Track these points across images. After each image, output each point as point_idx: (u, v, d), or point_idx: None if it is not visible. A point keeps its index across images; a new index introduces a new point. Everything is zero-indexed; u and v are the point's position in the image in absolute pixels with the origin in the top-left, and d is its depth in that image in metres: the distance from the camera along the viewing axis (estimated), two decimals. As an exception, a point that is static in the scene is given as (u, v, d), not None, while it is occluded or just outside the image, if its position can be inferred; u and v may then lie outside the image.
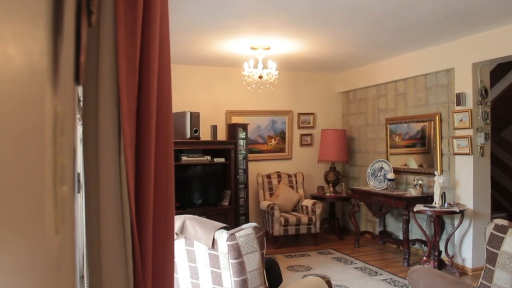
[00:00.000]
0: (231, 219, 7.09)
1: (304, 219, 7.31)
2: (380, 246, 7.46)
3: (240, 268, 2.37)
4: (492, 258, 2.63)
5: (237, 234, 2.35)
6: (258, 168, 8.04)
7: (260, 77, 6.20)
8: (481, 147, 5.83)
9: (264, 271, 2.50)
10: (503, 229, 2.57)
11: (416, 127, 6.85)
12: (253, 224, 2.46)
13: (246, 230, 2.38)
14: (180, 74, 7.58)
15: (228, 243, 2.35)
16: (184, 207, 6.88)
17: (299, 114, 8.48)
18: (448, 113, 6.26)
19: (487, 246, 2.65)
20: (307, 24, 5.26)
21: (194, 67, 7.68)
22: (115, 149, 1.03)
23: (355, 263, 6.41)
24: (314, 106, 8.64)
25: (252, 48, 6.26)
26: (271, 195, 7.85)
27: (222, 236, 2.38)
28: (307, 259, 6.61)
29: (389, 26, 5.37)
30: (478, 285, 2.74)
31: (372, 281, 5.60)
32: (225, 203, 7.31)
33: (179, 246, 2.62)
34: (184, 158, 6.93)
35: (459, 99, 5.94)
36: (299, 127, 8.51)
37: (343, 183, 8.24)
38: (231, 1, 4.41)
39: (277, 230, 7.19)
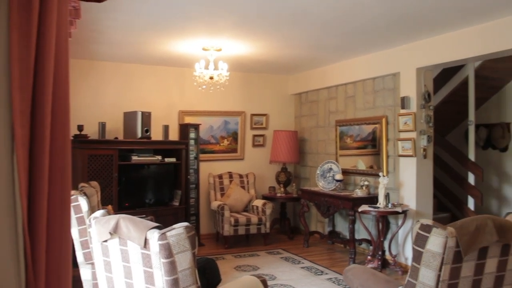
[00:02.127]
0: (182, 219, 7.08)
1: (254, 219, 7.37)
2: (328, 245, 7.59)
3: (171, 268, 2.39)
4: (417, 257, 2.73)
5: (168, 234, 2.37)
6: (210, 168, 8.05)
7: (211, 78, 6.22)
8: (424, 149, 6.02)
9: (196, 270, 2.52)
10: (427, 229, 2.68)
11: (368, 129, 7.01)
12: (185, 223, 2.48)
13: (177, 230, 2.40)
14: (133, 73, 7.53)
15: (159, 242, 2.36)
16: (134, 207, 6.83)
17: (252, 115, 8.54)
18: (394, 116, 6.44)
19: (414, 245, 2.75)
20: (258, 26, 5.32)
21: (147, 67, 7.64)
22: (7, 149, 1.04)
23: (303, 263, 6.50)
24: (267, 107, 8.72)
25: (204, 49, 6.28)
26: (222, 195, 7.88)
27: (153, 236, 2.39)
28: (256, 259, 6.66)
29: (338, 31, 5.49)
30: (406, 282, 2.84)
31: (317, 280, 5.70)
32: (176, 203, 7.30)
33: (113, 246, 2.62)
34: (135, 158, 6.88)
35: (404, 102, 6.12)
36: (252, 128, 8.57)
37: (294, 184, 8.35)
38: (182, 2, 4.42)
39: (227, 230, 7.22)
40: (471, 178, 7.29)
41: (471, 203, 7.28)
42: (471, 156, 7.31)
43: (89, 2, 1.80)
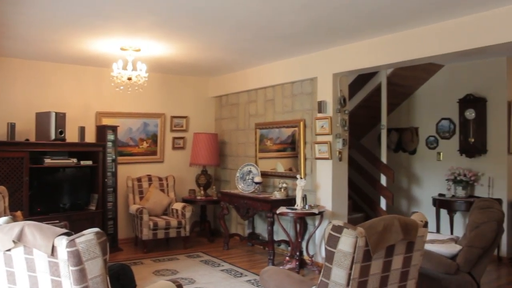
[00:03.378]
0: (98, 224, 6.87)
1: (174, 222, 7.29)
2: (248, 247, 7.65)
3: (81, 276, 2.30)
4: (330, 257, 2.82)
5: (77, 240, 2.28)
6: (128, 171, 7.87)
7: (129, 78, 6.09)
8: (340, 152, 6.23)
9: (108, 277, 2.46)
10: (339, 229, 2.77)
11: (287, 132, 7.13)
12: (96, 229, 2.40)
13: (87, 236, 2.31)
14: (47, 72, 7.22)
15: (68, 249, 2.27)
16: (47, 212, 6.55)
17: (172, 117, 8.45)
18: (312, 120, 6.62)
19: (326, 246, 2.84)
20: (177, 28, 5.27)
21: (62, 65, 7.34)
22: None
23: (223, 265, 6.51)
24: (187, 110, 8.66)
25: (122, 49, 6.13)
26: (141, 198, 7.73)
27: (61, 243, 2.30)
28: (175, 263, 6.59)
29: (258, 35, 5.57)
30: (319, 282, 2.93)
31: (236, 283, 5.73)
32: (92, 207, 7.06)
33: (18, 255, 2.47)
34: (48, 161, 6.59)
35: (321, 106, 6.30)
36: (172, 130, 8.48)
37: (214, 186, 8.35)
38: (99, 0, 4.29)
39: (146, 234, 7.09)
40: (383, 180, 7.64)
41: (383, 203, 7.63)
42: (383, 158, 7.66)
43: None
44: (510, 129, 6.98)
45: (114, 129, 7.38)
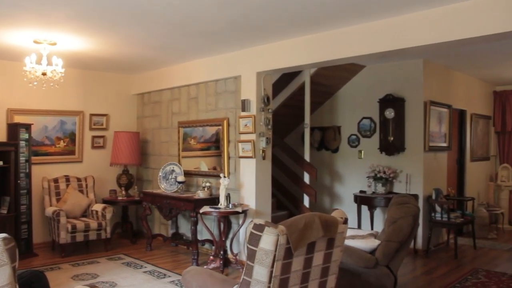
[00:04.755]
0: (10, 228, 6.46)
1: (94, 224, 7.01)
2: (172, 248, 7.51)
3: (-17, 284, 2.13)
4: (251, 255, 2.79)
5: (-22, 247, 2.11)
6: (44, 172, 7.48)
7: (44, 74, 5.76)
8: (263, 151, 6.24)
9: (17, 286, 2.28)
10: (260, 228, 2.75)
11: (211, 130, 7.05)
12: (3, 235, 2.22)
13: (-9, 242, 2.14)
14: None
15: (-32, 257, 2.09)
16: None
17: (91, 115, 8.13)
18: (235, 118, 6.58)
19: (248, 244, 2.81)
20: (95, 22, 5.05)
21: (-33, 58, 6.85)
22: None
23: (145, 267, 6.34)
24: (108, 107, 8.36)
25: (36, 42, 5.78)
26: (58, 200, 7.37)
27: (-40, 250, 2.11)
28: (96, 266, 6.33)
29: (181, 32, 5.45)
30: (241, 281, 2.89)
31: (160, 284, 5.59)
32: (4, 211, 6.62)
33: None
34: (-49, 161, 6.13)
35: (244, 105, 6.28)
36: (91, 129, 8.15)
37: (136, 186, 8.12)
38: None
39: (64, 237, 6.76)
40: (306, 178, 7.74)
41: (306, 201, 7.74)
42: (307, 157, 7.77)
43: None
44: (426, 128, 7.29)
45: (27, 127, 6.97)
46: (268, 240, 2.70)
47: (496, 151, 10.28)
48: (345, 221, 3.17)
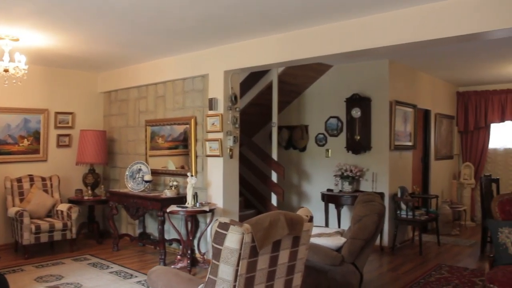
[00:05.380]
0: (-29, 229, 6.31)
1: (59, 225, 6.89)
2: (139, 248, 7.44)
3: None
4: (217, 254, 2.78)
5: None
6: (7, 171, 7.31)
7: (6, 70, 5.64)
8: (231, 150, 6.24)
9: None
10: (225, 226, 2.75)
11: (179, 129, 7.01)
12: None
13: None
14: None
15: None
16: None
17: (57, 113, 7.97)
18: (203, 117, 6.56)
19: (213, 243, 2.80)
20: (59, 18, 4.95)
21: None
22: None
23: (111, 267, 6.26)
24: (74, 105, 8.22)
25: (-3, 38, 5.65)
26: (21, 200, 7.21)
27: None
28: (60, 268, 6.22)
29: (147, 29, 5.40)
30: (206, 280, 2.88)
31: (126, 285, 5.53)
32: (-36, 211, 6.47)
33: None
34: None
35: (212, 104, 6.27)
36: (56, 127, 7.99)
37: (102, 186, 8.01)
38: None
39: (27, 238, 6.61)
40: (274, 176, 7.77)
41: (274, 199, 7.77)
42: (274, 155, 7.80)
43: None
44: (391, 128, 7.42)
45: (-11, 125, 6.81)
46: (233, 239, 2.70)
47: (459, 150, 10.53)
48: (311, 219, 3.20)
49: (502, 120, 9.87)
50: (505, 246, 4.42)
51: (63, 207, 7.23)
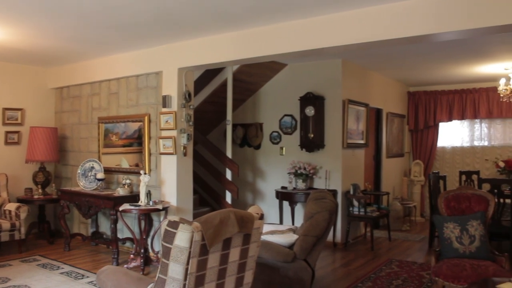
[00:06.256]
0: None
1: (6, 225, 6.68)
2: (92, 247, 7.31)
3: None
4: (166, 253, 2.78)
5: None
6: (-49, 169, 7.04)
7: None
8: (185, 147, 6.21)
9: None
10: (175, 225, 2.74)
11: (134, 126, 6.91)
12: None
13: None
14: None
15: None
16: None
17: (5, 109, 7.71)
18: (156, 114, 6.51)
19: (162, 242, 2.79)
20: (2, 10, 4.79)
21: None
22: None
23: (62, 268, 6.13)
24: (23, 101, 7.98)
25: None
26: (-33, 199, 6.96)
27: None
28: (7, 270, 6.03)
29: (98, 24, 5.29)
30: (156, 279, 2.87)
31: (77, 285, 5.42)
32: None
33: None
34: None
35: (165, 101, 6.22)
36: (4, 124, 7.73)
37: (54, 184, 7.82)
38: None
39: (-27, 239, 6.41)
40: (228, 174, 7.79)
41: (229, 197, 7.78)
42: (229, 153, 7.81)
43: None
44: (344, 126, 7.55)
45: None
46: (183, 237, 2.71)
47: (409, 148, 10.84)
48: (261, 217, 3.23)
49: (449, 119, 10.22)
50: (450, 241, 4.59)
51: (11, 206, 7.01)
